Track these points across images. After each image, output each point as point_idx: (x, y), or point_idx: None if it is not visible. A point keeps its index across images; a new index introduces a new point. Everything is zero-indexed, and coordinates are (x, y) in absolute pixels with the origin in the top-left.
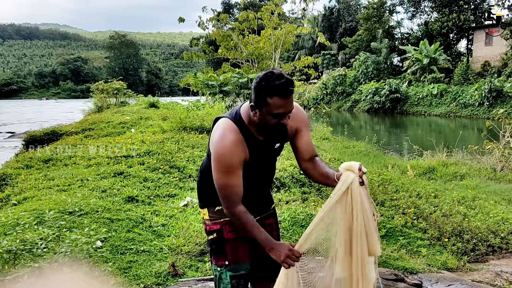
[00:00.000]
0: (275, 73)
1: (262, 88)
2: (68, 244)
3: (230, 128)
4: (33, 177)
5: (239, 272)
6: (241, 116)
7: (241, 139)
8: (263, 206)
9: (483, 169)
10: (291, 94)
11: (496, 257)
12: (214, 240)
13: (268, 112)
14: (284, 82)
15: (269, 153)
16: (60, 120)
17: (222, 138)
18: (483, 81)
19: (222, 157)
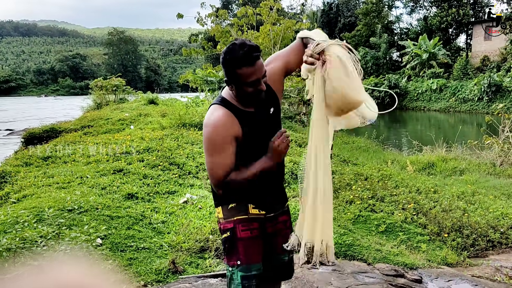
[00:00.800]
0: (237, 43)
1: (229, 62)
2: (68, 242)
3: (215, 109)
4: (33, 175)
5: (251, 273)
6: (224, 96)
7: (229, 114)
8: (277, 202)
9: (482, 164)
10: (258, 59)
11: (496, 252)
12: (227, 239)
13: (241, 83)
14: (247, 51)
15: (267, 124)
16: (59, 117)
17: (210, 119)
18: (483, 75)
19: (211, 136)
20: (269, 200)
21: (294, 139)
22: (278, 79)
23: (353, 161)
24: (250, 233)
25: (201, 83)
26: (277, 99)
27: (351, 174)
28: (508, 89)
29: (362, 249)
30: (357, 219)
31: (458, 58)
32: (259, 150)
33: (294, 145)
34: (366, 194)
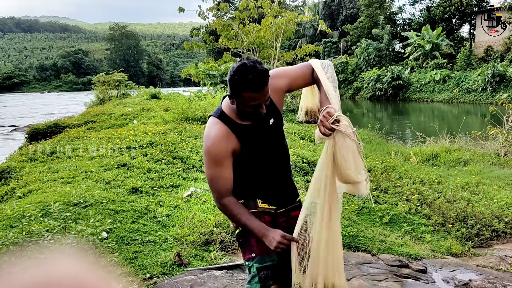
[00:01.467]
0: (248, 65)
1: (236, 82)
2: (74, 235)
3: (213, 123)
4: (37, 170)
5: (266, 263)
6: (223, 110)
7: (226, 131)
8: (287, 197)
9: (486, 154)
10: (265, 86)
11: (501, 242)
12: (240, 233)
13: (243, 103)
14: (256, 76)
15: (267, 133)
16: (63, 113)
17: (206, 133)
18: (486, 66)
19: (208, 150)
20: (277, 195)
21: (297, 132)
22: (279, 94)
23: None
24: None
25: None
26: (277, 110)
27: None
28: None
29: (366, 240)
30: (361, 210)
31: (462, 49)
32: (260, 161)
33: (297, 138)
34: (370, 185)
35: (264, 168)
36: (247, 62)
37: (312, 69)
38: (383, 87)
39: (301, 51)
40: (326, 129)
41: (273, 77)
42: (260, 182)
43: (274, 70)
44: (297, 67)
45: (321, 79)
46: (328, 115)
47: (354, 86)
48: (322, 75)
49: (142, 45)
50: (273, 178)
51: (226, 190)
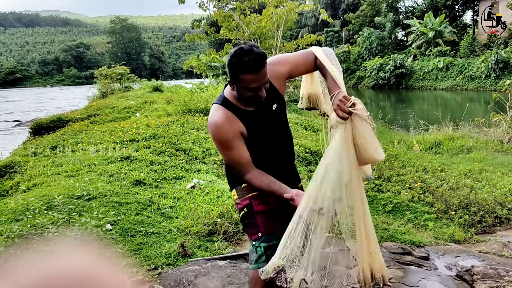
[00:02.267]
0: (244, 48)
1: (233, 66)
2: (78, 228)
3: (216, 109)
4: (41, 164)
5: (272, 242)
6: (225, 96)
7: (230, 115)
8: (290, 182)
9: (490, 141)
10: (262, 68)
11: (504, 228)
12: (245, 215)
13: (242, 87)
14: (253, 58)
15: (271, 118)
16: (66, 107)
17: (211, 120)
18: (490, 52)
19: (216, 136)
20: (281, 179)
21: (300, 122)
22: (281, 80)
23: None
24: (266, 206)
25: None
26: (280, 96)
27: None
28: None
29: None
30: None
31: (465, 35)
32: (264, 145)
33: (300, 128)
34: (373, 174)
35: (268, 152)
36: (244, 46)
37: (314, 56)
38: (386, 76)
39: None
40: (344, 113)
41: (274, 63)
42: (264, 166)
43: (276, 57)
44: (298, 54)
45: (326, 65)
46: (345, 99)
47: (356, 76)
48: (326, 61)
49: (144, 38)
50: (277, 162)
51: (245, 167)
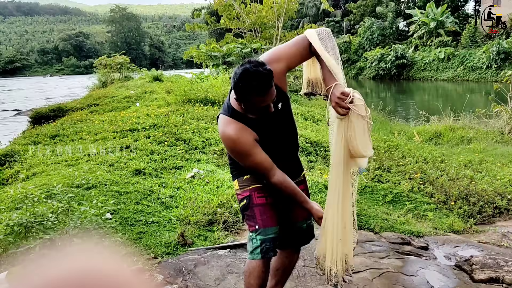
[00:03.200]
0: (250, 71)
1: (241, 89)
2: (78, 216)
3: (227, 123)
4: (41, 153)
5: (268, 236)
6: (232, 106)
7: (242, 127)
8: (293, 172)
9: (490, 132)
10: (271, 87)
11: (503, 219)
12: (245, 206)
13: (251, 106)
14: (261, 81)
15: (277, 118)
16: (66, 96)
17: (225, 135)
18: (491, 43)
19: (235, 149)
20: (284, 170)
21: (300, 113)
22: (281, 77)
23: None
24: (265, 200)
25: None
26: (283, 94)
27: None
28: None
29: (368, 218)
30: (364, 189)
31: (467, 26)
32: (272, 142)
33: (300, 119)
34: (373, 164)
35: (273, 146)
36: (249, 66)
37: (308, 42)
38: (387, 67)
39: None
40: (344, 109)
41: (270, 62)
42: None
43: (269, 54)
44: (290, 45)
45: (321, 53)
46: (343, 95)
47: (357, 66)
48: (320, 49)
49: (144, 27)
50: (281, 155)
51: (269, 169)
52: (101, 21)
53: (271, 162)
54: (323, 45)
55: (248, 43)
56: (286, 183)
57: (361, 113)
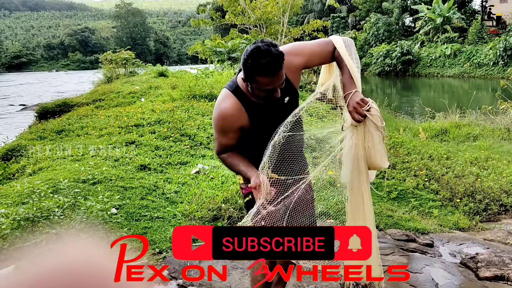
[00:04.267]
0: (261, 49)
1: (249, 66)
2: (83, 211)
3: (226, 97)
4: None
5: None
6: (238, 84)
7: (238, 107)
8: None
9: (496, 129)
10: (280, 69)
11: (509, 216)
12: (249, 202)
13: (257, 87)
14: (270, 61)
15: (281, 111)
16: (71, 91)
17: (217, 105)
18: (498, 39)
19: (217, 121)
20: (288, 166)
21: (305, 109)
22: (295, 72)
23: None
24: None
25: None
26: (293, 88)
27: None
28: None
29: None
30: None
31: (473, 22)
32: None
33: (305, 115)
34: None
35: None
36: (261, 45)
37: (333, 47)
38: (392, 63)
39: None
40: (361, 116)
41: (289, 53)
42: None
43: (291, 46)
44: (314, 44)
45: (345, 59)
46: (362, 102)
47: (362, 62)
48: (345, 55)
49: (149, 23)
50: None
51: (224, 149)
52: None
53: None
54: (347, 51)
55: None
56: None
57: (377, 123)
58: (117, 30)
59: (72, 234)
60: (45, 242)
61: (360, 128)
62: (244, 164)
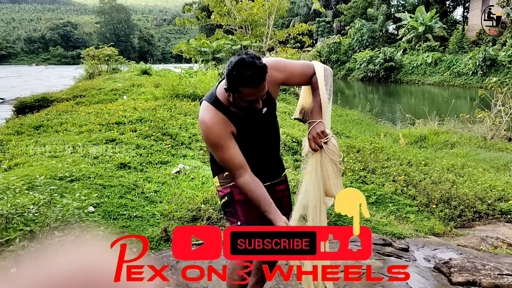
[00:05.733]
0: (246, 60)
1: (233, 77)
2: (59, 209)
3: (207, 109)
4: (24, 143)
5: None
6: (217, 96)
7: (220, 117)
8: (274, 173)
9: (473, 137)
10: (263, 82)
11: (482, 223)
12: (226, 203)
13: (240, 97)
14: (255, 72)
15: (260, 121)
16: (51, 86)
17: (201, 121)
18: (478, 49)
19: (206, 137)
20: (265, 171)
21: (288, 111)
22: (274, 86)
23: (346, 134)
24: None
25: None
26: (272, 100)
27: (343, 146)
28: (502, 63)
29: (351, 219)
30: None
31: (454, 32)
32: (251, 143)
33: (287, 118)
34: (358, 166)
35: (254, 148)
36: (246, 57)
37: (313, 72)
38: (375, 69)
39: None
40: (317, 146)
41: (272, 67)
42: (250, 160)
43: (275, 61)
44: (297, 64)
45: (320, 88)
46: (322, 134)
47: (346, 67)
48: (322, 84)
49: (133, 20)
50: (262, 156)
51: (237, 167)
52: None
53: (241, 161)
54: (325, 81)
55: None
56: (252, 188)
57: (331, 156)
58: (101, 26)
59: (47, 232)
60: (19, 239)
61: (317, 156)
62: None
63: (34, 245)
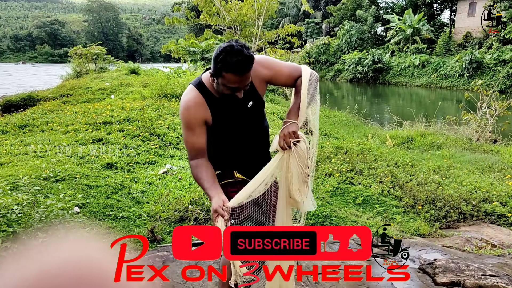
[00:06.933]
0: (235, 47)
1: (220, 61)
2: (43, 209)
3: (189, 91)
4: (9, 143)
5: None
6: (202, 80)
7: (200, 101)
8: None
9: (459, 139)
10: (248, 71)
11: (467, 224)
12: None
13: (223, 83)
14: (241, 60)
15: (244, 115)
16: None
17: (183, 99)
18: (464, 52)
19: (181, 115)
20: (253, 168)
21: (277, 112)
22: (262, 82)
23: (334, 135)
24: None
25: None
26: (258, 95)
27: (331, 147)
28: (488, 66)
29: (338, 220)
30: (335, 191)
31: (442, 34)
32: (236, 137)
33: (276, 118)
34: (345, 167)
35: (240, 144)
36: (235, 44)
37: (300, 74)
38: (364, 70)
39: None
40: (286, 145)
41: (259, 63)
42: (237, 156)
43: (263, 58)
44: (285, 65)
45: (303, 91)
46: (293, 134)
47: (335, 68)
48: (305, 87)
49: (122, 18)
50: (250, 153)
51: (194, 152)
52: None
53: (201, 148)
54: (309, 85)
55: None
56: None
57: (297, 159)
58: (89, 24)
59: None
60: (1, 240)
61: (286, 157)
62: (208, 180)
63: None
